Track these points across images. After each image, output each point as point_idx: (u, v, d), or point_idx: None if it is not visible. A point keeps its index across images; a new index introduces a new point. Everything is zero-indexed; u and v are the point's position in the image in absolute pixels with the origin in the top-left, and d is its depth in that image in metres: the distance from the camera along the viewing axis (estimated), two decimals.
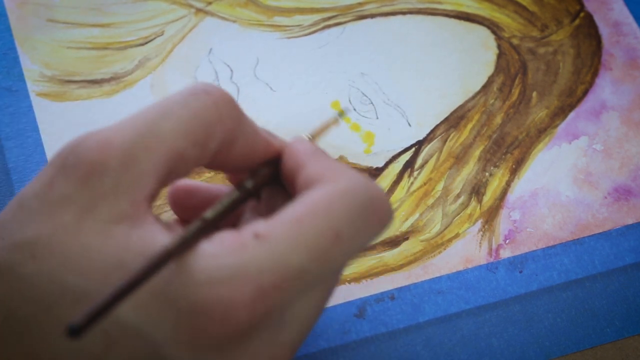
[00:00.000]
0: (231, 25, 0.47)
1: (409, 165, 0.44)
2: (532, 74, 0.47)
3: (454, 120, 0.45)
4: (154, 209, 0.38)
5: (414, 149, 0.44)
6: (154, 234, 0.29)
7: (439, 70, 0.47)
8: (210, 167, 0.33)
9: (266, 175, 0.33)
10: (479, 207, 0.43)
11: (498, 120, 0.46)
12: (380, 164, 0.44)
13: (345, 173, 0.30)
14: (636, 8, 0.49)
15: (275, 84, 0.46)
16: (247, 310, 0.28)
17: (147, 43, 0.46)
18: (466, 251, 0.42)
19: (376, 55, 0.47)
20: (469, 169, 0.44)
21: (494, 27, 0.48)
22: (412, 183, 0.44)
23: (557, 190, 0.44)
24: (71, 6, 0.47)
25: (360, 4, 0.48)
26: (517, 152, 0.45)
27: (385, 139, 0.45)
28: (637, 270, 0.42)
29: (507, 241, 0.42)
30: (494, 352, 0.40)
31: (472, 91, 0.46)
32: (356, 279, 0.41)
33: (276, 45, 0.47)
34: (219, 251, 0.28)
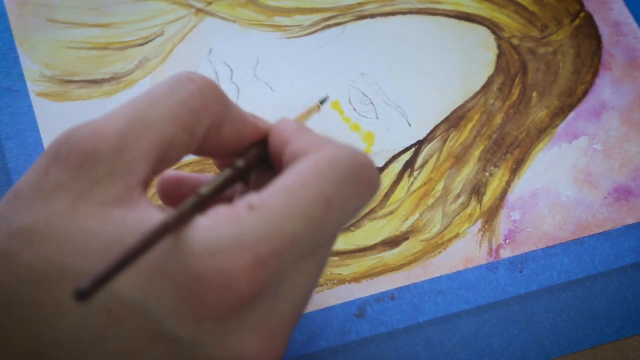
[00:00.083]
0: (231, 25, 0.47)
1: (409, 165, 0.44)
2: (532, 74, 0.47)
3: (454, 120, 0.45)
4: None
5: (414, 149, 0.44)
6: (150, 214, 0.29)
7: (439, 70, 0.47)
8: (200, 154, 0.33)
9: (255, 155, 0.33)
10: (479, 207, 0.43)
11: (498, 120, 0.46)
12: (380, 164, 0.44)
13: (331, 143, 0.31)
14: (636, 8, 0.49)
15: (275, 84, 0.46)
16: (247, 279, 0.28)
17: (147, 43, 0.46)
18: (466, 251, 0.42)
19: (376, 55, 0.47)
20: (469, 169, 0.44)
21: (494, 27, 0.48)
22: (412, 183, 0.44)
23: (557, 190, 0.44)
24: (71, 6, 0.47)
25: (360, 4, 0.48)
26: (517, 152, 0.45)
27: (385, 139, 0.45)
28: (637, 270, 0.42)
29: (507, 241, 0.42)
30: (494, 352, 0.40)
31: (472, 91, 0.46)
32: (356, 279, 0.41)
33: (276, 45, 0.47)
34: (215, 223, 0.28)
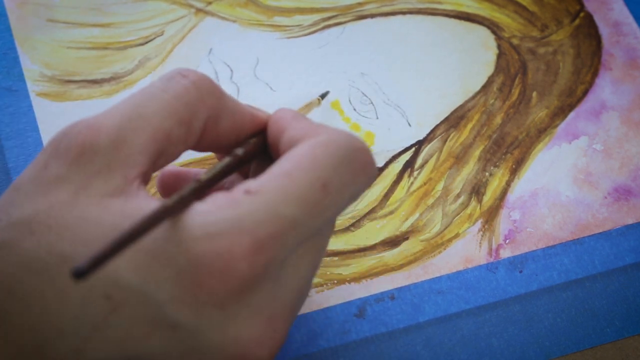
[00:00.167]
0: (231, 25, 0.47)
1: (409, 165, 0.44)
2: (532, 74, 0.47)
3: (454, 120, 0.45)
4: None
5: (414, 149, 0.44)
6: (148, 204, 0.29)
7: (439, 70, 0.47)
8: (200, 149, 0.33)
9: (255, 143, 0.33)
10: (479, 207, 0.43)
11: (498, 120, 0.45)
12: (380, 164, 0.44)
13: (327, 128, 0.31)
14: (636, 8, 0.49)
15: (275, 84, 0.46)
16: (246, 262, 0.28)
17: (147, 43, 0.46)
18: (466, 251, 0.42)
19: (376, 55, 0.47)
20: (469, 169, 0.44)
21: (494, 27, 0.48)
22: (412, 183, 0.44)
23: (557, 190, 0.44)
24: (71, 6, 0.47)
25: (360, 4, 0.48)
26: (517, 152, 0.45)
27: (385, 139, 0.45)
28: (637, 270, 0.42)
29: (507, 241, 0.42)
30: (494, 352, 0.40)
31: (472, 91, 0.46)
32: (356, 278, 0.41)
33: (276, 45, 0.47)
34: (213, 208, 0.29)
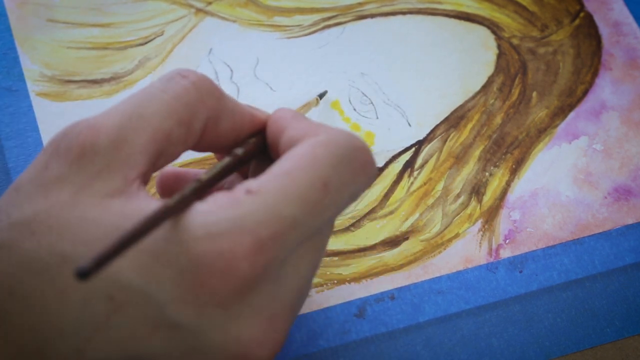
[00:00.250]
0: (231, 25, 0.47)
1: (409, 165, 0.44)
2: (532, 74, 0.47)
3: (454, 120, 0.45)
4: None
5: (414, 149, 0.44)
6: (149, 204, 0.29)
7: (439, 70, 0.47)
8: (200, 149, 0.33)
9: (254, 143, 0.34)
10: (479, 207, 0.43)
11: (498, 120, 0.45)
12: (380, 164, 0.44)
13: (326, 128, 0.31)
14: (636, 8, 0.49)
15: (275, 84, 0.46)
16: (248, 262, 0.28)
17: (147, 43, 0.46)
18: (466, 251, 0.42)
19: (376, 55, 0.47)
20: (469, 169, 0.44)
21: (494, 27, 0.48)
22: (412, 183, 0.44)
23: (557, 190, 0.44)
24: (71, 6, 0.47)
25: (360, 4, 0.48)
26: (517, 152, 0.45)
27: (385, 139, 0.45)
28: (637, 270, 0.42)
29: (507, 241, 0.42)
30: (494, 352, 0.40)
31: (472, 91, 0.46)
32: (356, 278, 0.41)
33: (276, 45, 0.47)
34: (214, 208, 0.29)
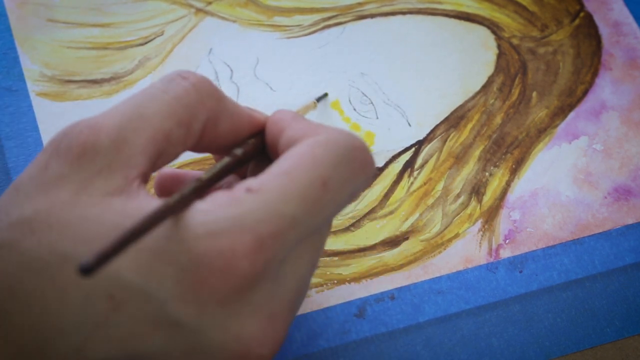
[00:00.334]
0: (231, 25, 0.47)
1: (409, 165, 0.44)
2: (532, 74, 0.47)
3: (454, 120, 0.45)
4: None
5: (414, 149, 0.44)
6: (149, 203, 0.29)
7: (439, 70, 0.47)
8: (199, 150, 0.33)
9: (253, 144, 0.34)
10: (479, 207, 0.43)
11: (498, 120, 0.45)
12: (380, 164, 0.44)
13: (325, 128, 0.32)
14: (636, 8, 0.49)
15: (275, 84, 0.46)
16: (248, 260, 0.28)
17: (147, 43, 0.46)
18: (466, 251, 0.42)
19: (376, 55, 0.47)
20: (469, 169, 0.44)
21: (494, 27, 0.48)
22: (412, 183, 0.44)
23: (557, 190, 0.44)
24: (71, 6, 0.47)
25: (360, 4, 0.48)
26: (517, 152, 0.45)
27: (385, 139, 0.45)
28: (637, 270, 0.42)
29: (507, 241, 0.42)
30: (494, 352, 0.40)
31: (472, 91, 0.46)
32: (356, 278, 0.41)
33: (276, 45, 0.47)
34: (214, 207, 0.29)
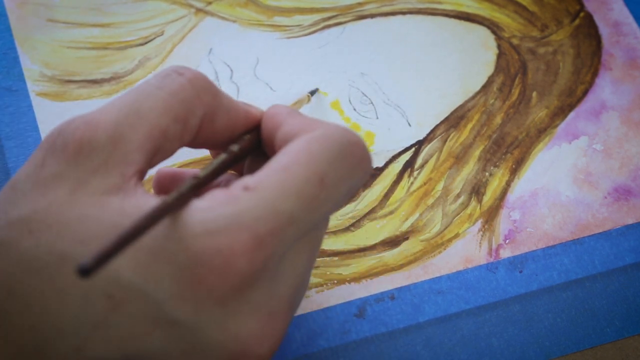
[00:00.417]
0: (231, 25, 0.47)
1: (409, 165, 0.44)
2: (532, 74, 0.47)
3: (454, 120, 0.45)
4: None
5: (414, 149, 0.44)
6: (147, 201, 0.29)
7: (439, 70, 0.47)
8: (195, 146, 0.33)
9: (249, 139, 0.34)
10: (479, 207, 0.43)
11: (498, 120, 0.45)
12: (380, 164, 0.44)
13: (322, 123, 0.31)
14: (636, 8, 0.49)
15: (275, 84, 0.46)
16: (246, 258, 0.28)
17: (147, 43, 0.46)
18: (466, 251, 0.42)
19: (376, 55, 0.47)
20: (469, 169, 0.44)
21: (494, 27, 0.48)
22: (412, 183, 0.44)
23: (557, 190, 0.44)
24: (71, 6, 0.47)
25: (360, 4, 0.48)
26: (517, 152, 0.45)
27: (385, 138, 0.45)
28: (637, 270, 0.42)
29: (507, 241, 0.42)
30: (494, 352, 0.40)
31: (472, 91, 0.46)
32: (356, 279, 0.41)
33: (276, 45, 0.47)
34: (212, 204, 0.29)
